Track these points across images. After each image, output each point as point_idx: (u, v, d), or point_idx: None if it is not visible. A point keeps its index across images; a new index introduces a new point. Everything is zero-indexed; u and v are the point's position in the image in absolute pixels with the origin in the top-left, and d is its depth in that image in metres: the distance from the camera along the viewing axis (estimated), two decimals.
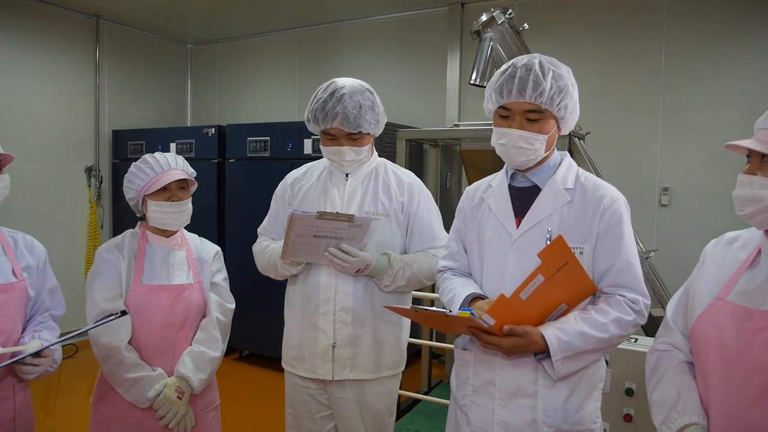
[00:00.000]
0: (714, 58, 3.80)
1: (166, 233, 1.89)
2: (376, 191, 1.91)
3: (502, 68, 1.48)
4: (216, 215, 4.79)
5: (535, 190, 1.52)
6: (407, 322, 2.01)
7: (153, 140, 5.13)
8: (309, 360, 1.90)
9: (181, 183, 1.87)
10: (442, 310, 1.36)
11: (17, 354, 1.54)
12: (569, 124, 1.52)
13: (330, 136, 1.87)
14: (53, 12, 4.92)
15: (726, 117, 3.74)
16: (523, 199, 1.52)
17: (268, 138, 4.46)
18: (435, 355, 4.27)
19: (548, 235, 1.45)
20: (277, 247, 1.87)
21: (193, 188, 1.94)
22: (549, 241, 1.43)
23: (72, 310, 2.00)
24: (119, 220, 5.43)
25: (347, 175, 1.93)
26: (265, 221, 2.08)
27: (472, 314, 1.30)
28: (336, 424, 1.96)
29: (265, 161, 4.48)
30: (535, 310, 1.36)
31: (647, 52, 3.99)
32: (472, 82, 3.32)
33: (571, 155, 1.61)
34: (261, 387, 4.21)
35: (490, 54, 3.27)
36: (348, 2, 4.77)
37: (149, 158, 1.85)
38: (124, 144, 5.34)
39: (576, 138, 3.31)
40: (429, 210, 1.95)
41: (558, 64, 1.47)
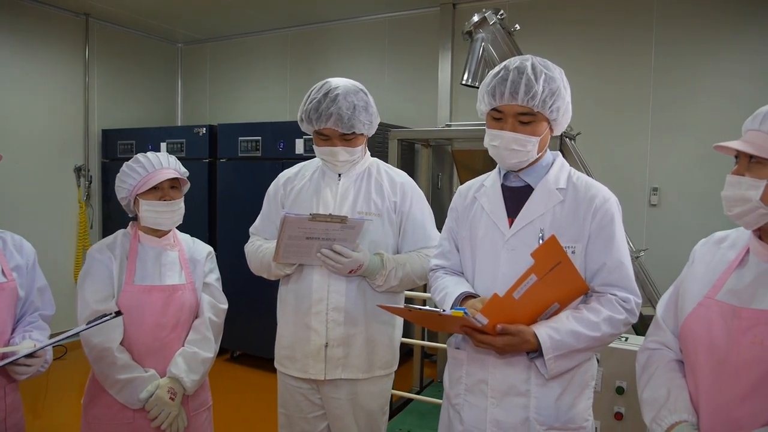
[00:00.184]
0: (703, 58, 3.83)
1: (158, 233, 1.88)
2: (369, 191, 1.91)
3: (495, 70, 1.49)
4: (207, 215, 4.77)
5: (527, 190, 1.53)
6: (400, 322, 2.01)
7: (143, 140, 5.10)
8: (301, 360, 1.89)
9: (173, 182, 1.86)
10: (436, 309, 1.36)
11: (9, 354, 1.53)
12: (561, 126, 1.53)
13: (323, 137, 1.87)
14: (42, 10, 4.88)
15: (715, 118, 3.78)
16: (515, 198, 1.53)
17: (259, 138, 4.45)
18: (427, 354, 4.28)
19: (540, 235, 1.46)
20: (270, 247, 1.86)
21: (186, 188, 1.93)
22: (541, 241, 1.44)
23: (61, 310, 1.98)
24: (109, 220, 5.39)
25: (340, 175, 1.93)
26: (257, 221, 2.08)
27: (466, 313, 1.31)
28: (329, 424, 1.96)
29: (257, 161, 4.47)
30: (527, 310, 1.37)
31: (637, 53, 4.02)
32: (463, 82, 3.34)
33: (562, 155, 1.62)
34: (253, 387, 4.20)
35: (482, 54, 3.28)
36: (340, 2, 4.76)
37: (141, 157, 1.84)
38: (113, 144, 5.30)
39: (567, 138, 3.33)
40: (421, 210, 1.96)
41: (550, 66, 1.48)
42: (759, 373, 1.11)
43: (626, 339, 2.38)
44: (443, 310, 1.35)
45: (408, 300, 2.18)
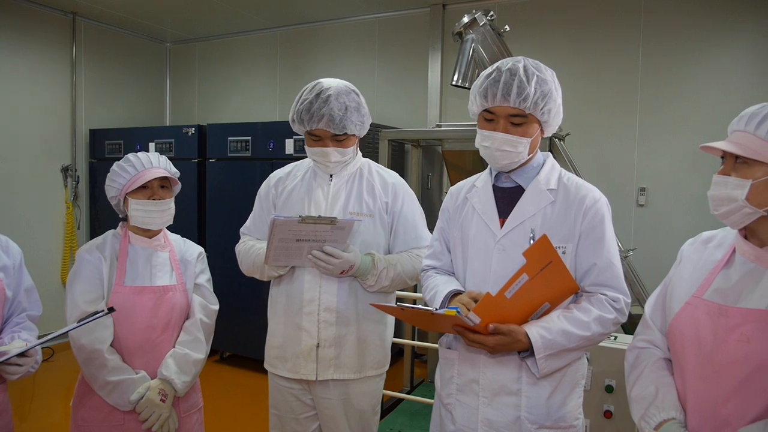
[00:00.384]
0: (690, 59, 3.87)
1: (148, 233, 1.87)
2: (361, 192, 1.92)
3: (487, 71, 1.49)
4: (196, 216, 4.74)
5: (518, 191, 1.54)
6: (391, 321, 2.02)
7: (131, 140, 5.06)
8: (292, 360, 1.89)
9: (163, 182, 1.86)
10: (428, 308, 1.37)
11: (0, 355, 1.52)
12: (552, 128, 1.54)
13: (315, 137, 1.87)
14: (28, 8, 4.82)
15: (702, 119, 3.82)
16: (506, 199, 1.54)
17: (249, 138, 4.43)
18: (417, 354, 4.29)
19: (531, 235, 1.47)
20: (262, 248, 1.86)
21: (177, 189, 1.92)
22: (532, 241, 1.45)
23: (48, 311, 1.96)
24: (96, 220, 5.34)
25: (331, 175, 1.93)
26: (248, 221, 2.07)
27: (458, 313, 1.32)
28: (320, 424, 1.96)
29: (247, 161, 4.45)
30: (519, 309, 1.38)
31: (625, 53, 4.06)
32: (454, 83, 3.35)
33: (552, 156, 1.63)
34: (243, 388, 4.18)
35: (472, 55, 3.30)
36: (329, 2, 4.75)
37: (132, 157, 1.83)
38: (101, 143, 5.25)
39: (556, 139, 3.36)
40: (413, 210, 1.96)
41: (542, 68, 1.49)
42: (745, 371, 1.12)
43: (615, 338, 2.41)
44: (436, 309, 1.35)
45: (399, 300, 2.19)
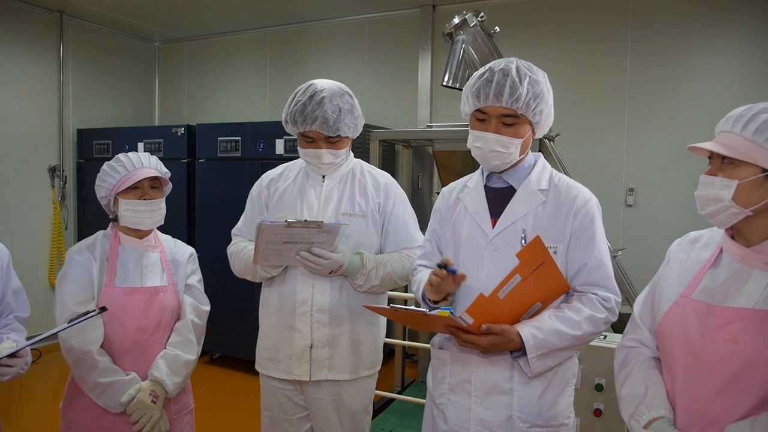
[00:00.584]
0: (678, 60, 3.91)
1: (139, 234, 1.86)
2: (353, 192, 1.92)
3: (480, 72, 1.50)
4: (186, 216, 4.71)
5: (510, 191, 1.55)
6: (383, 322, 2.02)
7: (120, 139, 5.02)
8: (285, 361, 1.89)
9: (154, 182, 1.85)
10: (421, 309, 1.37)
11: None
12: (544, 128, 1.55)
13: (308, 139, 1.86)
14: (15, 7, 4.76)
15: (689, 120, 3.86)
16: (498, 199, 1.55)
17: (239, 138, 4.42)
18: (408, 354, 4.30)
19: (523, 235, 1.48)
20: (253, 250, 1.85)
21: (168, 189, 1.91)
22: (524, 241, 1.46)
23: (35, 313, 1.94)
24: (84, 221, 5.29)
25: (324, 176, 1.93)
26: (240, 222, 2.06)
27: (452, 313, 1.32)
28: (312, 425, 1.96)
29: (237, 161, 4.44)
30: (511, 309, 1.39)
31: (614, 54, 4.09)
32: (444, 83, 3.36)
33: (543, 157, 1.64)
34: (233, 390, 4.17)
35: (463, 56, 3.31)
36: (319, 2, 4.75)
37: (122, 157, 1.82)
38: (89, 143, 5.20)
39: (546, 139, 3.38)
40: (404, 210, 1.97)
41: (534, 69, 1.50)
42: (733, 369, 1.14)
43: (605, 337, 2.43)
44: (428, 310, 1.36)
45: (390, 300, 2.19)
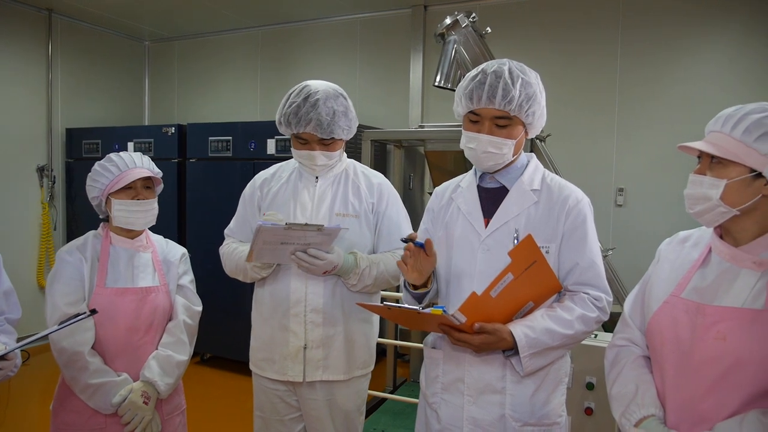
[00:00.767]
0: (668, 60, 3.94)
1: (130, 234, 1.85)
2: (346, 193, 1.92)
3: (472, 73, 1.51)
4: (176, 216, 4.68)
5: (503, 191, 1.56)
6: (377, 320, 2.02)
7: (109, 139, 4.98)
8: (279, 362, 1.88)
9: (147, 182, 1.84)
10: (415, 307, 1.38)
11: None
12: (536, 129, 1.56)
13: (302, 141, 1.86)
14: (2, 4, 4.71)
15: (679, 119, 3.89)
16: (491, 199, 1.56)
17: (230, 138, 4.40)
18: (399, 354, 4.30)
19: (515, 235, 1.49)
20: (245, 251, 1.84)
21: (159, 189, 1.90)
22: (516, 241, 1.47)
23: (24, 314, 1.91)
24: (73, 221, 5.25)
25: (317, 176, 1.93)
26: (232, 223, 2.05)
27: (445, 311, 1.33)
28: (305, 425, 1.96)
29: (228, 161, 4.42)
30: (504, 308, 1.40)
31: (604, 54, 4.11)
32: (436, 84, 3.37)
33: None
34: (225, 390, 4.15)
35: (454, 56, 3.32)
36: (310, 2, 4.74)
37: (114, 157, 1.81)
38: (78, 143, 5.16)
39: (537, 140, 3.40)
40: (398, 211, 1.97)
41: (527, 70, 1.50)
42: (722, 367, 1.15)
43: (596, 336, 2.45)
44: (422, 308, 1.37)
45: (382, 299, 2.19)
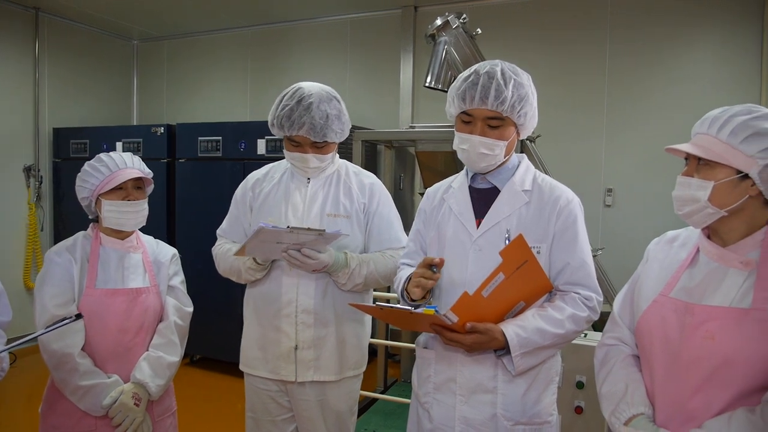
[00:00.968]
0: (656, 62, 3.98)
1: (120, 235, 1.84)
2: (338, 194, 1.92)
3: (465, 74, 1.51)
4: (165, 217, 4.65)
5: (494, 192, 1.57)
6: (368, 321, 2.03)
7: (97, 139, 4.94)
8: (272, 361, 1.88)
9: (137, 182, 1.83)
10: (407, 307, 1.38)
11: None
12: (528, 130, 1.57)
13: (295, 143, 1.86)
14: None
15: (666, 121, 3.93)
16: (482, 200, 1.57)
17: (219, 138, 4.38)
18: (390, 354, 4.31)
19: (507, 235, 1.49)
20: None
21: (150, 189, 1.89)
22: (508, 241, 1.48)
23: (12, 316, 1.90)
24: (60, 222, 5.19)
25: (309, 177, 1.93)
26: (224, 223, 2.05)
27: (437, 311, 1.33)
28: (297, 426, 1.96)
29: (217, 161, 4.40)
30: (495, 308, 1.40)
31: (593, 56, 4.15)
32: (427, 84, 3.38)
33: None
34: (215, 391, 4.12)
35: (445, 57, 3.33)
36: (300, 2, 4.73)
37: (104, 157, 1.79)
38: (66, 142, 5.11)
39: (527, 140, 3.42)
40: (389, 211, 1.97)
41: (519, 71, 1.51)
42: (710, 366, 1.16)
43: (585, 335, 2.47)
44: (414, 308, 1.37)
45: (374, 300, 2.20)
